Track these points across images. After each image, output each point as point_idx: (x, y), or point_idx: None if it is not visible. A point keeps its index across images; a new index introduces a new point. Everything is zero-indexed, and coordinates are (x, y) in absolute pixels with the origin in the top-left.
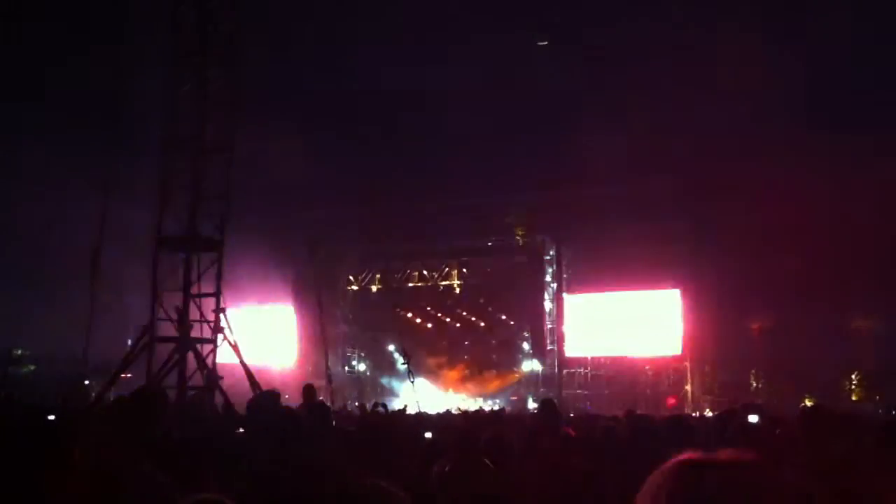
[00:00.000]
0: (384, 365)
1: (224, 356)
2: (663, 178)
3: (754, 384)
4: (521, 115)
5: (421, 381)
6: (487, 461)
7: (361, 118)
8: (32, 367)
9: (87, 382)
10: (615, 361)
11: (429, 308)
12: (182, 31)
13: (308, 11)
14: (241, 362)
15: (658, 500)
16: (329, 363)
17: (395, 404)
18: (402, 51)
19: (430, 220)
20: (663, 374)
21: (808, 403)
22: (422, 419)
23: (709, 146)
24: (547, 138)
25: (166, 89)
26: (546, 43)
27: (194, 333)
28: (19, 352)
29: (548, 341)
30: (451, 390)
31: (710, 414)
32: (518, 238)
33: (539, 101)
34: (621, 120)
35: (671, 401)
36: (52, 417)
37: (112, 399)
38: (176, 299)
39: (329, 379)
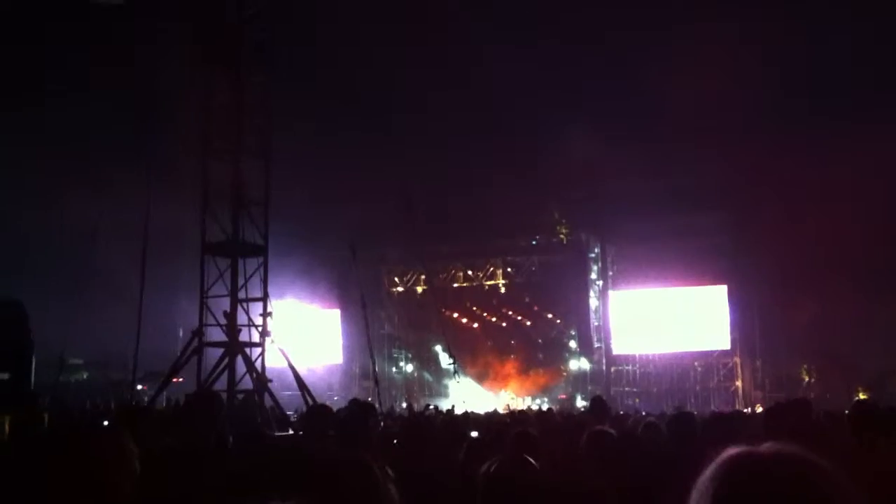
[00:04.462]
0: (431, 365)
1: (272, 360)
2: (705, 172)
3: (806, 379)
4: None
5: (467, 381)
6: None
7: (402, 118)
8: (85, 375)
9: (138, 388)
10: (663, 358)
11: (474, 308)
12: (216, 41)
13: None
14: (290, 366)
15: (706, 501)
16: (375, 364)
17: (444, 404)
18: (444, 48)
19: (473, 220)
20: (713, 369)
21: (861, 397)
22: (468, 419)
23: (751, 139)
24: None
25: (202, 97)
26: None
27: (242, 337)
28: (80, 361)
29: (594, 339)
30: (500, 390)
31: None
32: (562, 236)
33: (580, 99)
34: (662, 115)
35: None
36: (105, 423)
37: (164, 403)
38: (224, 304)
39: (376, 380)
